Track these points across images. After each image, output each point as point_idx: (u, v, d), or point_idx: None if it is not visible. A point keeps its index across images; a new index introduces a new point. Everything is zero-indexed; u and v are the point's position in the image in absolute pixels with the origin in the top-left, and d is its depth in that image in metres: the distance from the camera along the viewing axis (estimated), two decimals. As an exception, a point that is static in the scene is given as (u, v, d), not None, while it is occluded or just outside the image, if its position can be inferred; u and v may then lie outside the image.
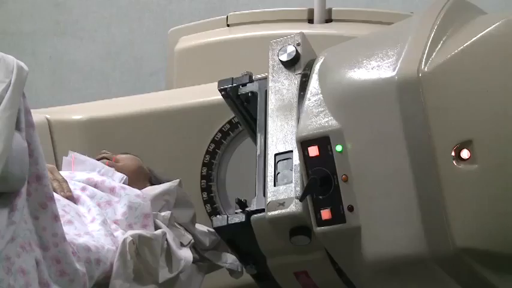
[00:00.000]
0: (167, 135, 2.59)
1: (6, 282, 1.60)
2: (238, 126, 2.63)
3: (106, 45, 3.85)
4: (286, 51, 1.94)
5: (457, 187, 1.62)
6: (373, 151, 1.72)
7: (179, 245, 2.05)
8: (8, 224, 1.64)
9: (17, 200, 1.67)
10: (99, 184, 2.10)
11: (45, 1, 3.88)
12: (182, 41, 3.17)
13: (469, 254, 1.61)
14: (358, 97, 1.77)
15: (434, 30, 1.72)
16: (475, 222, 1.61)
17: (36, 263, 1.68)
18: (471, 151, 1.62)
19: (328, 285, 1.88)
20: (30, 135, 1.70)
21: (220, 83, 2.10)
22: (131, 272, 1.87)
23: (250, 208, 1.85)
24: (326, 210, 1.72)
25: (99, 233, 1.90)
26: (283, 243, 1.80)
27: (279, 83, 1.94)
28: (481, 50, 1.66)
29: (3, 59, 1.68)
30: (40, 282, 1.68)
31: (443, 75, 1.66)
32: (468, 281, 1.66)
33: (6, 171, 1.61)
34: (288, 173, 1.81)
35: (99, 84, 3.85)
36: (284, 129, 1.86)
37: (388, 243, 1.69)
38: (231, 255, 2.19)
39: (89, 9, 3.85)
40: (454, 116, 1.64)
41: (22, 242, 1.67)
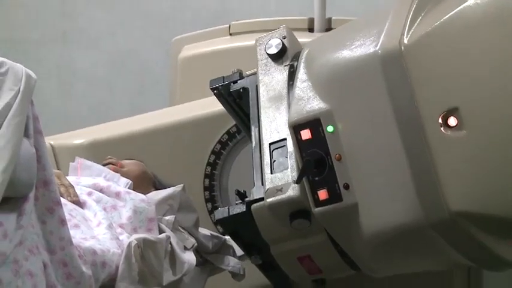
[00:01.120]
0: (168, 151, 2.61)
1: (15, 284, 1.61)
2: (236, 136, 2.66)
3: (111, 53, 3.85)
4: (273, 45, 1.95)
5: (447, 153, 1.62)
6: (363, 128, 1.73)
7: (183, 248, 2.05)
8: (16, 228, 1.64)
9: (25, 205, 1.67)
10: (105, 189, 2.10)
11: (52, 10, 3.89)
12: (185, 50, 3.17)
13: (464, 217, 1.60)
14: (344, 76, 1.77)
15: (413, 7, 1.72)
16: (468, 186, 1.61)
17: (43, 266, 1.68)
18: (458, 118, 1.62)
19: (332, 267, 1.87)
20: (38, 141, 1.71)
21: (211, 82, 2.10)
22: (136, 275, 1.87)
23: (249, 198, 1.85)
24: (323, 191, 1.72)
25: (105, 236, 1.90)
26: (284, 229, 1.80)
27: (269, 76, 1.94)
28: (461, 22, 1.66)
29: (12, 67, 1.68)
30: (47, 285, 1.68)
31: (425, 47, 1.66)
32: (466, 247, 1.66)
33: (15, 176, 1.62)
34: (283, 160, 1.81)
35: (104, 91, 3.86)
36: (276, 119, 1.87)
37: (385, 216, 1.69)
38: (233, 258, 2.20)
39: (94, 18, 3.86)
40: (438, 85, 1.65)
41: (30, 246, 1.67)
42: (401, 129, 1.66)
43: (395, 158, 1.66)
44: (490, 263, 1.73)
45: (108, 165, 2.33)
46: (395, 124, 1.66)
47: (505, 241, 1.67)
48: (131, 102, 3.80)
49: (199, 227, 2.19)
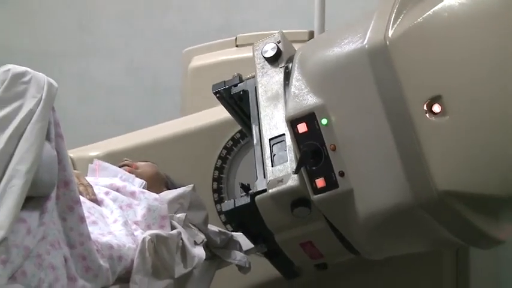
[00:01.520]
0: (179, 158, 2.62)
1: (38, 276, 1.61)
2: (240, 141, 2.68)
3: (126, 63, 3.85)
4: (269, 49, 1.96)
5: (433, 137, 1.62)
6: (354, 118, 1.73)
7: (193, 243, 2.05)
8: (39, 224, 1.65)
9: (47, 203, 1.68)
10: (121, 189, 2.11)
11: (71, 24, 3.89)
12: (195, 60, 3.18)
13: (450, 196, 1.60)
14: (335, 72, 1.78)
15: (396, 6, 1.73)
16: (453, 167, 1.61)
17: (64, 259, 1.69)
18: (441, 105, 1.63)
19: (332, 252, 1.87)
20: (59, 145, 1.71)
21: (214, 87, 2.12)
22: (150, 268, 1.88)
23: (253, 190, 1.85)
24: (320, 179, 1.73)
25: (120, 232, 1.90)
26: (286, 217, 1.80)
27: (266, 77, 1.95)
28: (440, 18, 1.68)
29: (35, 76, 1.69)
30: (68, 277, 1.69)
31: (408, 40, 1.67)
32: (454, 225, 1.66)
33: (37, 177, 1.62)
34: (283, 154, 1.82)
35: (120, 99, 3.86)
36: (275, 116, 1.87)
37: (378, 198, 1.69)
38: (239, 252, 2.20)
39: (110, 31, 3.86)
40: (422, 76, 1.65)
41: (52, 241, 1.67)
42: (389, 117, 1.66)
43: (385, 144, 1.67)
44: (478, 240, 1.73)
45: (124, 167, 2.34)
46: (383, 113, 1.67)
47: (491, 218, 1.67)
48: (145, 108, 3.81)
49: (208, 224, 2.19)
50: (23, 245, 1.59)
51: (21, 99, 1.65)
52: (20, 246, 1.58)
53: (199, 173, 2.51)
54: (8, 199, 1.55)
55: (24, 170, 1.58)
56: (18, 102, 1.65)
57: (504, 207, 1.67)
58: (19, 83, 1.67)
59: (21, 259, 1.58)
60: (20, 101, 1.65)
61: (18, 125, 1.62)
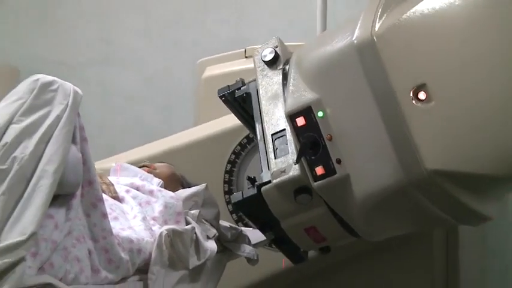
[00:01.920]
0: (193, 163, 2.63)
1: (64, 268, 1.61)
2: (247, 146, 2.72)
3: (145, 73, 3.86)
4: (267, 53, 1.96)
5: (420, 122, 1.62)
6: (348, 109, 1.73)
7: (206, 237, 2.05)
8: (65, 220, 1.65)
9: (73, 201, 1.68)
10: (140, 187, 2.11)
11: (95, 36, 3.90)
12: (208, 70, 3.18)
13: (438, 174, 1.60)
14: (328, 68, 1.78)
15: (381, 6, 1.74)
16: (440, 148, 1.61)
17: (88, 252, 1.69)
18: (426, 92, 1.63)
19: (334, 236, 1.86)
20: (83, 147, 1.71)
21: (219, 91, 2.12)
22: (166, 260, 1.88)
23: (259, 182, 1.84)
24: (319, 167, 1.72)
25: (140, 227, 1.91)
26: (290, 205, 1.79)
27: (266, 79, 1.95)
28: (422, 14, 1.69)
29: (61, 85, 1.69)
30: (92, 269, 1.69)
31: (393, 35, 1.68)
32: (444, 203, 1.65)
33: (64, 177, 1.63)
34: (284, 147, 1.82)
35: (139, 105, 3.87)
36: (275, 114, 1.87)
37: (373, 181, 1.69)
38: (248, 246, 2.20)
39: (131, 43, 3.87)
40: (407, 66, 1.65)
41: (77, 235, 1.68)
42: (379, 106, 1.66)
43: (377, 131, 1.66)
44: (467, 217, 1.72)
45: (143, 167, 2.35)
46: (374, 102, 1.67)
47: (479, 196, 1.67)
48: (162, 115, 3.81)
49: (219, 220, 2.19)
50: (51, 239, 1.60)
51: (49, 105, 1.66)
52: (48, 240, 1.59)
53: (211, 176, 2.51)
54: (37, 197, 1.55)
55: (51, 171, 1.58)
56: (46, 108, 1.65)
57: (490, 185, 1.67)
58: (47, 91, 1.67)
59: (49, 252, 1.59)
60: (48, 107, 1.66)
61: (46, 129, 1.62)
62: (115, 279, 1.75)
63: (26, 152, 1.58)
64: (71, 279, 1.63)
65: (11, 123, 1.62)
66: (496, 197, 1.74)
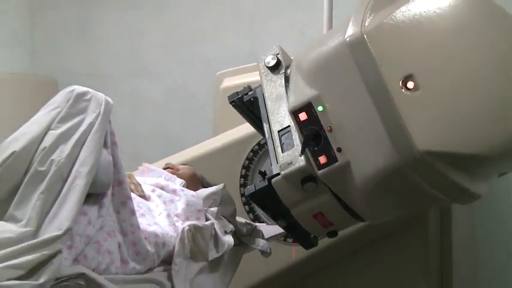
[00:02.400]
0: (212, 169, 2.60)
1: (96, 260, 1.62)
2: (259, 152, 2.72)
3: (168, 84, 3.87)
4: (270, 60, 1.96)
5: (410, 108, 1.61)
6: (344, 102, 1.72)
7: (223, 232, 2.05)
8: (98, 216, 1.66)
9: (104, 199, 1.69)
10: (165, 187, 2.11)
11: (124, 51, 3.92)
12: (226, 82, 3.18)
13: (430, 155, 1.58)
14: (325, 65, 1.77)
15: (369, 7, 1.74)
16: (429, 130, 1.60)
17: (118, 245, 1.70)
18: (414, 81, 1.62)
19: (340, 220, 1.85)
20: (114, 151, 1.72)
21: (229, 97, 2.11)
22: (188, 252, 1.88)
23: (269, 175, 1.84)
24: (322, 157, 1.71)
25: (164, 223, 1.91)
26: (298, 193, 1.78)
27: (270, 83, 1.94)
28: (408, 13, 1.69)
29: (94, 95, 1.70)
30: (121, 260, 1.70)
31: (381, 32, 1.67)
32: (437, 182, 1.64)
33: (96, 178, 1.63)
34: (290, 141, 1.81)
35: (163, 114, 3.87)
36: (280, 113, 1.86)
37: (370, 164, 1.67)
38: (262, 240, 2.20)
39: (155, 57, 3.88)
40: (395, 59, 1.65)
41: (108, 230, 1.68)
42: (372, 96, 1.65)
43: (371, 119, 1.65)
44: (458, 195, 1.69)
45: (167, 169, 2.35)
46: (367, 93, 1.66)
47: (468, 175, 1.65)
48: (183, 122, 3.82)
49: (236, 216, 2.19)
50: (85, 233, 1.60)
51: (83, 114, 1.67)
52: (82, 234, 1.59)
53: (228, 180, 2.47)
54: (72, 196, 1.56)
55: (85, 172, 1.59)
56: (81, 116, 1.66)
57: (476, 165, 1.65)
58: (82, 100, 1.68)
59: (83, 245, 1.60)
60: (83, 115, 1.67)
61: (81, 135, 1.63)
62: (142, 270, 1.76)
63: (63, 155, 1.59)
64: (102, 270, 1.63)
65: (49, 129, 1.63)
66: (483, 177, 1.71)
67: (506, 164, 1.75)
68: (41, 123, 1.64)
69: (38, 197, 1.53)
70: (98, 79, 3.86)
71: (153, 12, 3.85)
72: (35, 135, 1.61)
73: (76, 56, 3.97)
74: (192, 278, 1.89)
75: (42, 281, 1.43)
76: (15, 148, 1.58)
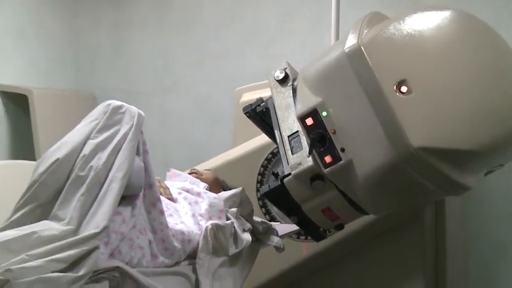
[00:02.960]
0: (233, 176, 2.59)
1: (130, 254, 1.62)
2: (272, 160, 2.71)
3: (195, 98, 3.87)
4: (279, 74, 1.96)
5: (404, 110, 1.60)
6: (345, 106, 1.71)
7: (242, 230, 2.04)
8: (131, 216, 1.66)
9: (137, 201, 1.69)
10: (190, 190, 2.11)
11: (154, 69, 3.93)
12: (244, 96, 3.17)
13: (423, 150, 1.58)
14: (327, 75, 1.77)
15: (364, 25, 1.75)
16: (422, 128, 1.59)
17: (149, 242, 1.70)
18: (407, 86, 1.62)
19: (345, 214, 1.84)
20: (145, 158, 1.72)
21: (244, 109, 2.12)
22: (211, 248, 1.88)
23: (281, 175, 1.84)
24: (327, 156, 1.71)
25: (190, 222, 1.91)
26: (308, 191, 1.78)
27: (280, 94, 1.94)
28: (398, 27, 1.71)
29: (128, 108, 1.71)
30: (152, 255, 1.70)
31: (375, 43, 1.68)
32: (431, 176, 1.63)
33: (130, 182, 1.64)
34: (298, 145, 1.80)
35: (189, 125, 3.88)
36: (289, 120, 1.86)
37: (371, 161, 1.66)
38: (276, 237, 2.19)
39: (183, 74, 3.89)
40: (389, 66, 1.65)
41: (140, 228, 1.69)
42: (370, 100, 1.64)
43: (370, 121, 1.64)
44: (449, 187, 1.68)
45: (192, 174, 2.35)
46: (366, 98, 1.65)
47: (459, 169, 1.64)
48: (207, 133, 3.82)
49: (253, 216, 2.19)
50: (119, 231, 1.60)
51: (118, 125, 1.67)
52: (117, 232, 1.60)
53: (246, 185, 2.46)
54: (108, 198, 1.56)
55: (120, 177, 1.59)
56: (116, 127, 1.67)
57: (466, 159, 1.64)
58: (117, 113, 1.69)
59: (118, 242, 1.60)
60: (118, 126, 1.67)
61: (116, 144, 1.64)
62: (170, 264, 1.76)
63: (100, 162, 1.59)
64: (135, 263, 1.63)
65: (89, 138, 1.64)
66: (472, 171, 1.70)
67: (493, 159, 1.74)
68: (81, 134, 1.65)
69: (79, 199, 1.54)
70: (132, 94, 3.87)
71: (181, 34, 3.86)
72: (76, 144, 1.62)
73: (112, 74, 3.99)
74: (214, 271, 1.88)
75: (81, 273, 1.43)
76: (59, 156, 1.59)
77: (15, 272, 1.32)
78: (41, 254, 1.40)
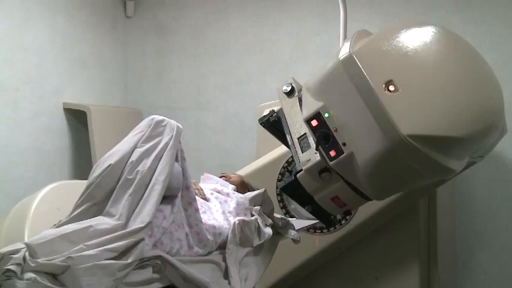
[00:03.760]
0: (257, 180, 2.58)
1: (170, 245, 1.62)
2: (288, 167, 2.68)
3: (224, 114, 3.87)
4: (286, 87, 1.95)
5: (393, 104, 1.60)
6: (344, 107, 1.70)
7: (264, 225, 2.03)
8: (171, 213, 1.66)
9: (175, 200, 1.69)
10: (220, 191, 2.10)
11: (190, 89, 3.93)
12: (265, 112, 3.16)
13: (411, 137, 1.57)
14: (326, 82, 1.77)
15: (355, 37, 1.76)
16: (409, 119, 1.59)
17: (186, 235, 1.69)
18: (394, 85, 1.62)
19: (352, 201, 1.81)
20: (183, 164, 1.72)
21: (259, 120, 2.11)
22: (238, 240, 1.87)
23: (294, 172, 1.82)
24: (332, 151, 1.70)
25: (220, 218, 1.90)
26: (318, 183, 1.77)
27: (288, 104, 1.93)
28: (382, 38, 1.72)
29: (169, 122, 1.71)
30: (188, 246, 1.69)
31: (364, 51, 1.68)
32: (420, 160, 1.61)
33: (170, 184, 1.63)
34: (307, 144, 1.79)
35: (220, 136, 3.87)
36: (297, 124, 1.85)
37: (368, 151, 1.64)
38: (294, 231, 2.16)
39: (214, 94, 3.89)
40: (378, 69, 1.65)
41: (178, 223, 1.68)
42: (364, 99, 1.63)
43: (365, 117, 1.63)
44: (437, 170, 1.65)
45: (222, 177, 2.34)
46: (359, 97, 1.64)
47: (444, 153, 1.62)
48: (235, 142, 3.81)
49: (274, 213, 2.17)
50: (161, 226, 1.60)
51: (160, 136, 1.67)
52: (159, 226, 1.59)
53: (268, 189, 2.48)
54: (152, 197, 1.56)
55: (162, 179, 1.59)
56: (159, 138, 1.67)
57: (449, 144, 1.63)
58: (160, 126, 1.69)
59: (160, 235, 1.59)
60: (160, 137, 1.67)
61: (159, 152, 1.64)
62: (203, 253, 1.75)
63: (145, 167, 1.59)
64: (174, 253, 1.63)
65: (136, 147, 1.64)
66: (455, 156, 1.68)
67: (469, 146, 1.72)
68: (129, 143, 1.65)
69: (127, 198, 1.54)
70: (171, 110, 3.88)
71: (212, 61, 3.88)
72: (125, 152, 1.62)
73: (156, 93, 4.01)
74: (241, 259, 1.87)
75: (130, 261, 1.43)
76: (111, 162, 1.60)
77: (75, 260, 1.33)
78: (96, 244, 1.40)
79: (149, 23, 3.96)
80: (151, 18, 3.95)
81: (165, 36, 3.97)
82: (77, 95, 3.58)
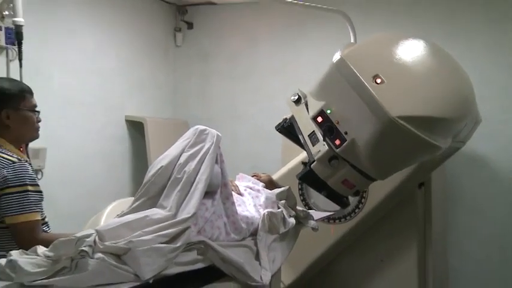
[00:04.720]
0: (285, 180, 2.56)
1: (211, 232, 1.61)
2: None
3: (254, 125, 3.86)
4: (294, 96, 1.94)
5: (381, 93, 1.59)
6: (342, 102, 1.69)
7: (289, 216, 2.00)
8: (212, 206, 1.64)
9: (215, 195, 1.67)
10: (252, 188, 2.09)
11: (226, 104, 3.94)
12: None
13: (400, 118, 1.55)
14: (325, 83, 1.77)
15: (343, 48, 1.76)
16: (397, 104, 1.58)
17: (224, 224, 1.68)
18: (381, 78, 1.61)
19: (359, 182, 1.78)
20: (222, 165, 1.71)
21: (276, 127, 2.10)
22: (267, 228, 1.84)
23: (309, 163, 1.81)
24: (337, 140, 1.68)
25: (252, 210, 1.88)
26: (329, 169, 1.75)
27: (297, 110, 1.91)
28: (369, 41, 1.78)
29: (210, 131, 1.71)
30: (226, 233, 1.68)
31: (353, 54, 1.70)
32: (409, 138, 1.58)
33: (211, 182, 1.62)
34: (316, 139, 1.78)
35: (251, 143, 3.86)
36: (307, 124, 1.84)
37: (365, 134, 1.62)
38: (313, 221, 2.12)
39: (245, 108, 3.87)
40: (366, 66, 1.65)
41: (218, 214, 1.67)
42: (356, 92, 1.63)
43: (360, 107, 1.61)
44: (424, 146, 1.62)
45: (254, 176, 2.32)
46: (353, 91, 1.63)
47: (430, 132, 1.59)
48: (263, 148, 3.79)
49: (296, 206, 2.13)
50: (204, 216, 1.59)
51: (203, 142, 1.67)
52: (202, 217, 1.58)
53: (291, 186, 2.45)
54: (196, 193, 1.55)
55: (204, 178, 1.58)
56: (202, 144, 1.66)
57: (433, 124, 1.60)
58: (203, 134, 1.68)
59: (202, 223, 1.58)
60: (203, 143, 1.67)
61: (202, 155, 1.63)
62: (238, 239, 1.73)
63: (191, 168, 1.59)
64: (214, 239, 1.62)
65: (183, 152, 1.64)
66: (440, 134, 1.65)
67: (451, 126, 1.70)
68: (178, 148, 1.65)
69: (176, 194, 1.54)
70: (212, 121, 3.90)
71: (244, 81, 3.89)
72: (174, 156, 1.62)
73: (199, 108, 4.04)
74: (269, 244, 1.84)
75: (178, 245, 1.43)
76: (163, 164, 1.60)
77: (135, 243, 1.33)
78: (151, 231, 1.40)
79: (194, 51, 4.00)
80: (196, 46, 3.99)
81: (207, 61, 4.01)
82: (136, 109, 3.65)
